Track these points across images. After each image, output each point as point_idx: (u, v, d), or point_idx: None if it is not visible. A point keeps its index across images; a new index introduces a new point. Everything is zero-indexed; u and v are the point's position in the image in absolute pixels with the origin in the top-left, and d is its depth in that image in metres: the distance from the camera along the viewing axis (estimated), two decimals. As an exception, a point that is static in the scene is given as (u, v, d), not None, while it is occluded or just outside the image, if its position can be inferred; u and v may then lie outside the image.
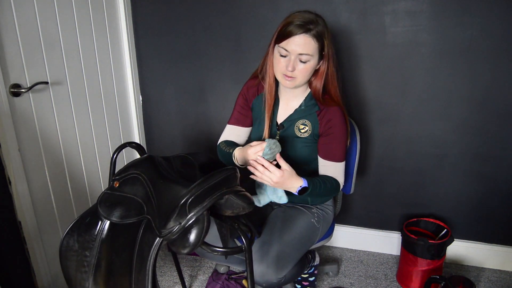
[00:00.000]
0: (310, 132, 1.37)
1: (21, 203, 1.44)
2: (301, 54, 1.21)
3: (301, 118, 1.37)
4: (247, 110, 1.49)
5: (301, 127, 1.37)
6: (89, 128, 1.82)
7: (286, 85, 1.30)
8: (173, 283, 1.88)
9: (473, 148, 1.77)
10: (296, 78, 1.26)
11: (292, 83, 1.28)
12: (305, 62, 1.23)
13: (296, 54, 1.22)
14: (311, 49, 1.21)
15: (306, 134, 1.37)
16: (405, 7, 1.64)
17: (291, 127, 1.39)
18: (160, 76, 2.10)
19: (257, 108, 1.46)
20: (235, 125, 1.51)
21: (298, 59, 1.23)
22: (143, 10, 2.00)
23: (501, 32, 1.57)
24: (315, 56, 1.24)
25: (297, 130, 1.38)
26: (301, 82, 1.29)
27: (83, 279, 1.06)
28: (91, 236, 1.08)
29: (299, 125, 1.38)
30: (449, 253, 1.95)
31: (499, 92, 1.66)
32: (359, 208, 2.05)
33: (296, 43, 1.20)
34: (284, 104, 1.42)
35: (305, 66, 1.24)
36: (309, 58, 1.23)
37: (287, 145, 1.39)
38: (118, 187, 1.09)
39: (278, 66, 1.28)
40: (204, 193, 0.94)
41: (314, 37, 1.20)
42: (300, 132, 1.37)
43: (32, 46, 1.47)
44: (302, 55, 1.22)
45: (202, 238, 0.93)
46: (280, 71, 1.28)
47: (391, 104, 1.80)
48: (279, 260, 1.27)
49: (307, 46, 1.20)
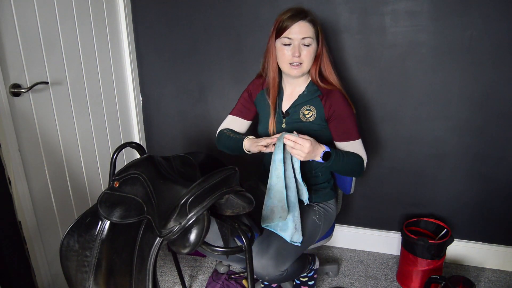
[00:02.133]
0: (315, 116, 1.40)
1: (21, 203, 1.44)
2: (304, 38, 1.31)
3: (305, 104, 1.42)
4: (250, 104, 1.55)
5: (306, 112, 1.41)
6: (89, 128, 1.82)
7: (293, 74, 1.36)
8: (173, 283, 1.88)
9: (473, 148, 1.77)
10: (303, 64, 1.34)
11: (299, 70, 1.35)
12: (309, 45, 1.32)
13: (299, 40, 1.31)
14: (310, 33, 1.32)
15: (311, 119, 1.40)
16: (405, 7, 1.64)
17: (296, 113, 1.43)
18: (160, 76, 2.10)
19: (261, 102, 1.51)
20: (237, 116, 1.57)
21: (301, 44, 1.32)
22: (143, 10, 2.00)
23: (501, 32, 1.57)
24: (314, 40, 1.34)
25: (302, 116, 1.42)
26: (307, 66, 1.36)
27: (83, 279, 1.06)
28: (92, 236, 1.08)
29: (304, 110, 1.42)
30: (449, 253, 1.95)
31: (499, 92, 1.66)
32: (359, 208, 2.05)
33: (297, 30, 1.31)
34: (288, 94, 1.47)
35: (309, 50, 1.33)
36: (311, 41, 1.32)
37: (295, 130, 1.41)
38: (118, 187, 1.09)
39: (283, 57, 1.35)
40: (204, 193, 0.94)
41: (310, 22, 1.32)
42: (305, 117, 1.41)
43: (32, 46, 1.47)
44: (304, 39, 1.31)
45: (202, 238, 0.93)
46: (286, 61, 1.35)
47: (391, 104, 1.80)
48: (280, 254, 1.29)
49: (306, 30, 1.31)
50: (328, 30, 1.76)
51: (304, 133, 1.37)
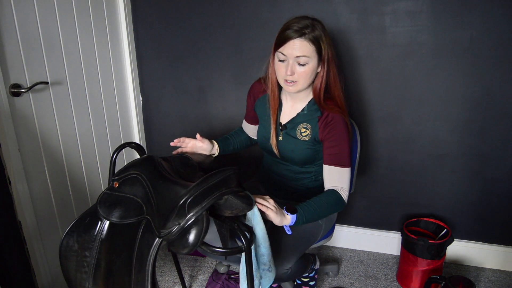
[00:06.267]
0: (310, 136, 1.38)
1: (21, 203, 1.44)
2: (298, 56, 1.23)
3: (303, 122, 1.39)
4: (251, 110, 1.56)
5: (303, 130, 1.39)
6: (89, 128, 1.82)
7: (288, 90, 1.32)
8: (173, 283, 1.88)
9: (473, 148, 1.77)
10: (298, 82, 1.28)
11: (294, 88, 1.29)
12: (304, 64, 1.25)
13: (293, 58, 1.24)
14: (307, 51, 1.23)
15: (307, 138, 1.38)
16: (405, 7, 1.63)
17: (294, 129, 1.40)
18: (160, 76, 2.10)
19: (262, 107, 1.49)
20: (246, 121, 1.64)
21: (296, 63, 1.25)
22: (143, 10, 2.00)
23: (501, 32, 1.57)
24: (313, 59, 1.25)
25: (298, 133, 1.39)
26: (303, 85, 1.30)
27: (83, 279, 1.06)
28: (91, 236, 1.08)
29: (301, 128, 1.39)
30: (449, 253, 1.95)
31: (499, 92, 1.65)
32: (359, 208, 2.05)
33: (292, 47, 1.23)
34: (288, 107, 1.44)
35: (305, 69, 1.25)
36: (307, 61, 1.24)
37: (291, 146, 1.41)
38: (117, 187, 1.09)
39: (279, 72, 1.30)
40: (203, 194, 0.94)
41: (309, 41, 1.22)
42: (301, 135, 1.39)
43: (32, 46, 1.47)
44: (299, 58, 1.23)
45: (201, 238, 0.93)
46: (281, 76, 1.30)
47: (391, 104, 1.80)
48: (285, 252, 1.30)
49: (303, 49, 1.22)
50: (328, 30, 1.75)
51: (298, 151, 1.40)
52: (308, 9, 1.74)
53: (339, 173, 1.34)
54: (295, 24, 1.23)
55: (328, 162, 1.35)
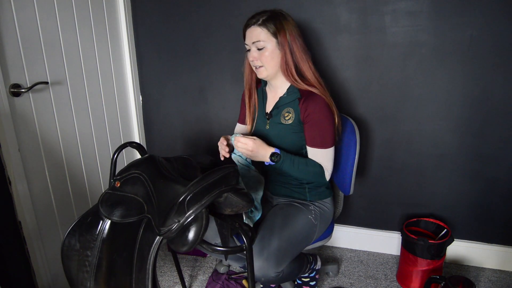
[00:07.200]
0: (293, 119, 1.41)
1: (21, 203, 1.44)
2: (254, 42, 1.35)
3: (286, 106, 1.44)
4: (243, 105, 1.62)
5: (286, 114, 1.43)
6: (89, 128, 1.82)
7: (259, 76, 1.43)
8: (173, 283, 1.88)
9: (473, 148, 1.77)
10: (264, 66, 1.38)
11: (262, 73, 1.40)
12: (262, 48, 1.35)
13: (252, 45, 1.36)
14: (261, 36, 1.34)
15: (290, 121, 1.42)
16: (405, 7, 1.64)
17: (278, 115, 1.45)
18: (160, 76, 2.10)
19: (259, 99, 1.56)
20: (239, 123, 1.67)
21: (255, 48, 1.36)
22: (143, 10, 2.00)
23: (501, 32, 1.57)
24: (270, 42, 1.34)
25: (282, 118, 1.44)
26: (271, 69, 1.38)
27: (84, 278, 1.06)
28: (93, 235, 1.08)
29: (284, 113, 1.44)
30: (449, 253, 1.95)
31: (499, 92, 1.66)
32: (359, 208, 2.05)
33: (249, 35, 1.36)
34: (271, 96, 1.51)
35: (263, 53, 1.35)
36: (264, 44, 1.34)
37: (276, 132, 1.45)
38: (119, 186, 1.09)
39: (249, 62, 1.44)
40: (202, 191, 0.94)
41: (260, 26, 1.34)
42: (285, 119, 1.43)
43: (32, 46, 1.47)
44: (256, 43, 1.35)
45: (201, 236, 0.92)
46: (252, 65, 1.42)
47: (391, 104, 1.80)
48: (276, 254, 1.28)
49: (256, 34, 1.34)
50: (328, 30, 1.76)
51: (285, 137, 1.44)
52: (308, 9, 1.75)
53: (321, 154, 1.39)
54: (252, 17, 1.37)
55: (310, 144, 1.40)
